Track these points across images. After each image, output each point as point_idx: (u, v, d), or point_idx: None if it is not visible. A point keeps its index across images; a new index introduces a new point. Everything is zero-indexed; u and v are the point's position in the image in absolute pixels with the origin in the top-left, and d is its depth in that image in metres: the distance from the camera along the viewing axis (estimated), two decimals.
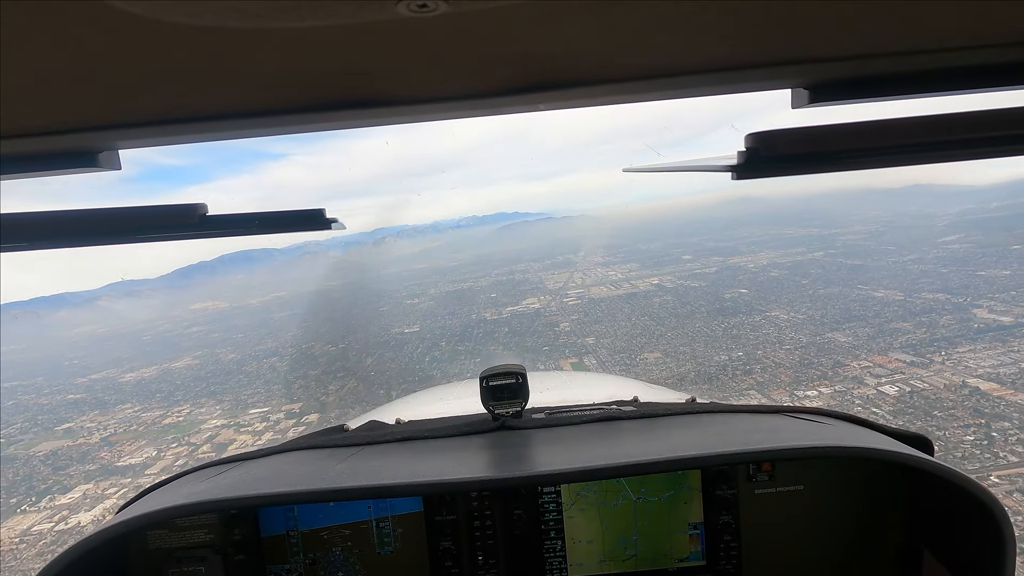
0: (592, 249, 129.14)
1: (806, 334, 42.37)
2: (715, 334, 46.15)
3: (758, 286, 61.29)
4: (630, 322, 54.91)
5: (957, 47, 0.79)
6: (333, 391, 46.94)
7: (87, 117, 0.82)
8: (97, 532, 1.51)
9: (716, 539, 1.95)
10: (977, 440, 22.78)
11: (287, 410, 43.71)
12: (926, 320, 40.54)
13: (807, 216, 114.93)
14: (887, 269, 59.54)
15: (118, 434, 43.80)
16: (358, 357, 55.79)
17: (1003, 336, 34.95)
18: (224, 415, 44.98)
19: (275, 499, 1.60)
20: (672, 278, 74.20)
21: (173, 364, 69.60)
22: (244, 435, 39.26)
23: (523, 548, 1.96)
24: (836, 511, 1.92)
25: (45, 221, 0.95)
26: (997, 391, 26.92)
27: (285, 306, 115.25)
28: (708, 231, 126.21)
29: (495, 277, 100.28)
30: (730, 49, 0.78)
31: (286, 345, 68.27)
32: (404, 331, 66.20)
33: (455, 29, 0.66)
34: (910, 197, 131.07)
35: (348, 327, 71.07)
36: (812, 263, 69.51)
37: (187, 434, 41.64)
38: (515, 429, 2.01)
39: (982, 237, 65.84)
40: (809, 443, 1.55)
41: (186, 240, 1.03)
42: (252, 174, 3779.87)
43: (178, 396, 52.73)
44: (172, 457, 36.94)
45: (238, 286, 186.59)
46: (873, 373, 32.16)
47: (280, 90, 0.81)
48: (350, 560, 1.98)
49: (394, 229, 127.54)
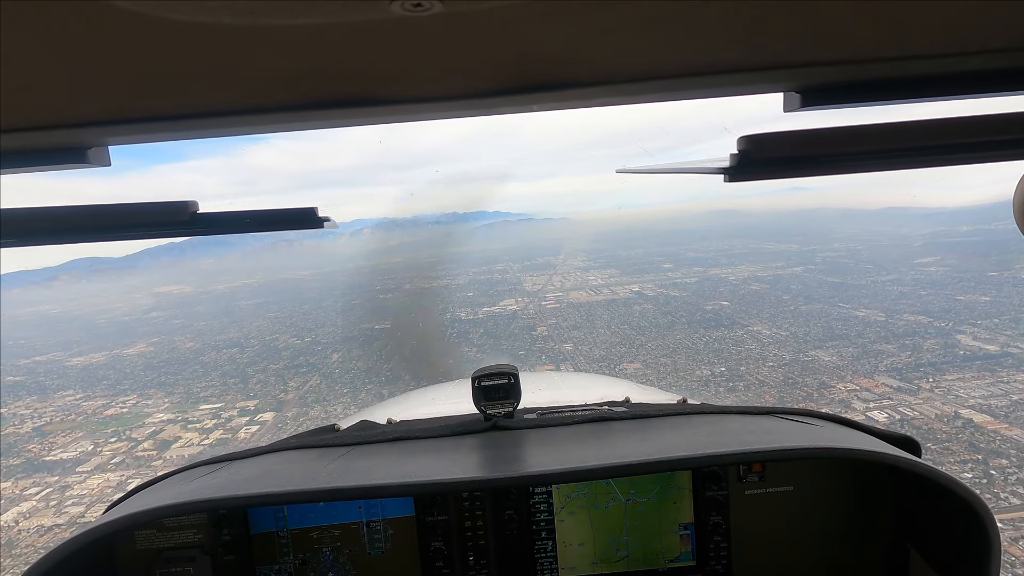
0: (572, 252, 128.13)
1: (789, 351, 41.37)
2: (696, 347, 44.84)
3: (739, 299, 60.52)
4: (609, 329, 53.42)
5: (948, 53, 0.80)
6: (293, 388, 44.13)
7: (77, 113, 0.82)
8: (84, 532, 1.50)
9: (706, 539, 1.95)
10: (975, 478, 21.57)
11: (241, 407, 40.70)
12: (910, 343, 39.94)
13: (787, 232, 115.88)
14: (867, 288, 59.42)
15: (53, 423, 40.20)
16: (324, 352, 53.00)
17: (991, 365, 34.32)
18: (172, 409, 41.76)
19: (265, 499, 1.61)
20: (652, 286, 73.11)
21: (126, 350, 65.32)
22: (191, 432, 36.30)
23: (514, 549, 1.96)
24: (825, 511, 1.94)
25: (35, 217, 0.97)
26: (991, 424, 25.89)
27: (254, 294, 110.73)
28: (688, 241, 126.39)
29: (472, 275, 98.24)
30: (723, 52, 0.79)
31: (249, 336, 64.81)
32: (375, 326, 63.61)
33: (450, 29, 0.66)
34: (886, 218, 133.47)
35: (317, 320, 68.25)
36: (792, 278, 69.28)
37: (129, 427, 38.34)
38: (507, 429, 2.01)
39: (957, 261, 66.47)
40: (799, 444, 1.58)
41: (177, 238, 1.05)
42: (229, 156, 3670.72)
43: (126, 385, 49.07)
44: (109, 453, 33.70)
45: (207, 270, 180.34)
46: (860, 397, 31.17)
47: (273, 88, 0.81)
48: (340, 560, 1.96)
49: (372, 221, 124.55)
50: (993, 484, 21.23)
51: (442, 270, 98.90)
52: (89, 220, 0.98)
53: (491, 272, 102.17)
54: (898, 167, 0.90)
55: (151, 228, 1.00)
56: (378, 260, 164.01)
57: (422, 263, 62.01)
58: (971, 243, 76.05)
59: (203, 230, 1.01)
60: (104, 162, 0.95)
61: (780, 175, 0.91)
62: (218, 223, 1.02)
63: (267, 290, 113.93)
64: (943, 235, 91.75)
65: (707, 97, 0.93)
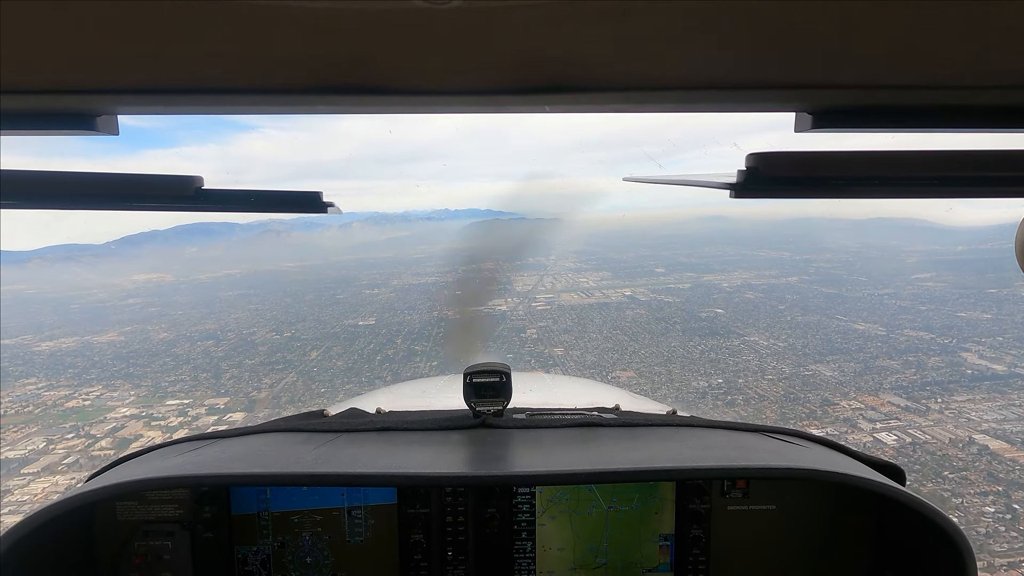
0: (564, 254, 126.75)
1: (789, 364, 39.99)
2: (692, 356, 43.27)
3: (734, 307, 59.24)
4: (601, 334, 51.74)
5: (963, 85, 0.80)
6: (267, 386, 41.79)
7: (90, 79, 0.81)
8: (65, 499, 1.51)
9: (685, 552, 1.96)
10: (998, 512, 20.04)
11: (210, 404, 38.34)
12: (913, 360, 38.77)
13: (778, 240, 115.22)
14: (863, 301, 58.47)
15: (8, 416, 37.55)
16: (303, 349, 50.67)
17: (1000, 387, 33.15)
18: (137, 403, 39.27)
19: (248, 479, 1.66)
20: (645, 290, 71.75)
21: (97, 337, 62.28)
22: (153, 431, 33.89)
23: (493, 547, 1.96)
24: (806, 532, 1.96)
25: (38, 180, 0.97)
26: (1008, 452, 24.46)
27: (236, 285, 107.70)
28: (680, 246, 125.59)
29: (462, 273, 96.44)
30: (739, 67, 0.79)
31: (227, 328, 62.18)
32: (358, 323, 61.33)
33: (468, 23, 0.67)
34: (875, 228, 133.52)
35: (298, 314, 65.92)
36: (787, 287, 68.30)
37: (89, 422, 35.78)
38: (495, 428, 2.02)
39: (954, 278, 65.93)
40: (785, 464, 1.60)
41: (179, 212, 1.05)
42: (219, 144, 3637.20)
43: (92, 375, 46.32)
44: (63, 452, 31.11)
45: (190, 259, 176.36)
46: (866, 416, 29.66)
47: (287, 69, 0.81)
48: (319, 546, 1.96)
49: (362, 215, 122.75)
50: (1018, 520, 19.72)
51: (432, 266, 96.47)
52: (92, 188, 0.97)
53: (481, 271, 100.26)
54: (908, 196, 0.90)
55: (154, 201, 1.00)
56: (367, 254, 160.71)
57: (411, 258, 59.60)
58: (967, 261, 75.70)
59: (206, 206, 1.00)
60: (112, 131, 0.94)
61: (787, 195, 0.90)
62: (222, 200, 1.01)
63: (251, 281, 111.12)
64: (937, 253, 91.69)
65: (719, 111, 0.93)
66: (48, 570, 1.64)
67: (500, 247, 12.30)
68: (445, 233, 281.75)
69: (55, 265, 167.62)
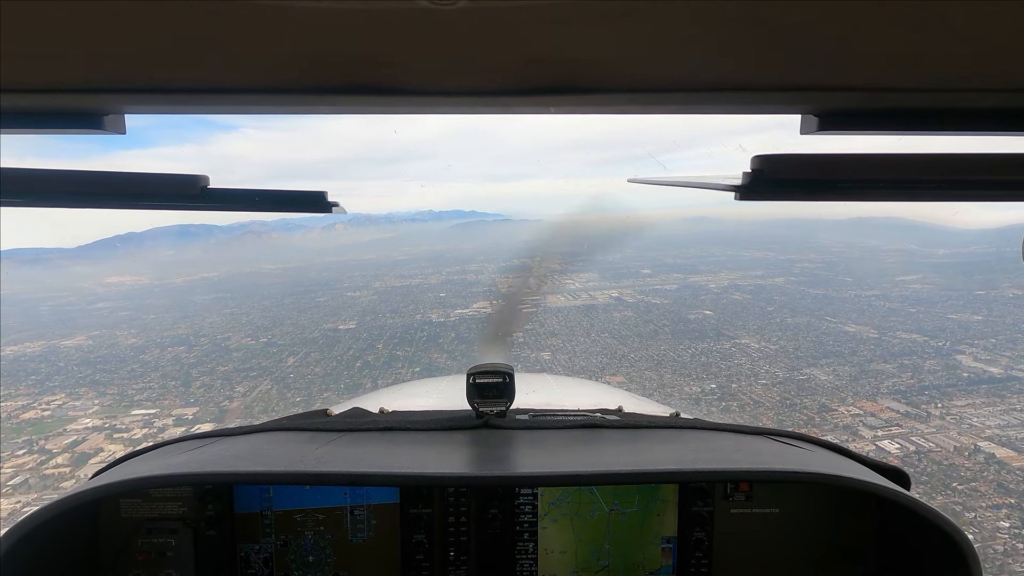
0: (549, 255, 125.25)
1: (782, 368, 39.11)
2: (683, 360, 42.31)
3: (722, 309, 58.52)
4: (589, 338, 50.59)
5: (969, 88, 0.80)
6: (240, 394, 39.66)
7: (98, 78, 0.82)
8: (70, 495, 1.53)
9: (688, 555, 1.95)
10: (1013, 527, 19.03)
11: (177, 415, 36.14)
12: (909, 363, 38.18)
13: (762, 240, 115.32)
14: (851, 302, 58.14)
15: None
16: (279, 355, 48.52)
17: (998, 390, 32.63)
18: (101, 413, 36.86)
19: (251, 478, 1.66)
20: (632, 292, 70.74)
21: (64, 341, 59.15)
22: (115, 444, 31.61)
23: (495, 548, 1.95)
24: (809, 536, 1.94)
25: (43, 178, 0.97)
26: (1015, 460, 23.67)
27: (212, 288, 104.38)
28: (665, 247, 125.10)
29: (446, 275, 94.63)
30: (745, 69, 0.79)
31: (200, 333, 59.57)
32: (338, 327, 59.22)
33: (474, 23, 0.67)
34: (855, 228, 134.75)
35: (276, 318, 63.56)
36: (774, 288, 67.83)
37: (45, 435, 33.25)
38: (498, 428, 2.03)
39: (941, 280, 66.06)
40: (788, 467, 1.60)
41: (185, 211, 1.05)
42: (199, 144, 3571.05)
43: (56, 382, 43.62)
44: (9, 471, 28.68)
45: (165, 262, 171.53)
46: (867, 423, 28.83)
47: (294, 70, 0.81)
48: (321, 545, 1.96)
49: (346, 216, 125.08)
50: None
51: (415, 268, 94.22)
52: (99, 187, 0.97)
53: (465, 272, 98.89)
54: (914, 199, 0.90)
55: (160, 199, 1.00)
56: (349, 256, 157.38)
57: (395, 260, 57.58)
58: (952, 264, 76.09)
59: (211, 205, 1.00)
60: (119, 130, 0.94)
61: (793, 197, 0.90)
62: (227, 199, 1.01)
63: (228, 284, 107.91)
64: (918, 255, 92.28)
65: (724, 113, 0.92)
66: (52, 566, 1.66)
67: (484, 248, 11.00)
68: (428, 234, 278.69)
69: (23, 267, 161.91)
